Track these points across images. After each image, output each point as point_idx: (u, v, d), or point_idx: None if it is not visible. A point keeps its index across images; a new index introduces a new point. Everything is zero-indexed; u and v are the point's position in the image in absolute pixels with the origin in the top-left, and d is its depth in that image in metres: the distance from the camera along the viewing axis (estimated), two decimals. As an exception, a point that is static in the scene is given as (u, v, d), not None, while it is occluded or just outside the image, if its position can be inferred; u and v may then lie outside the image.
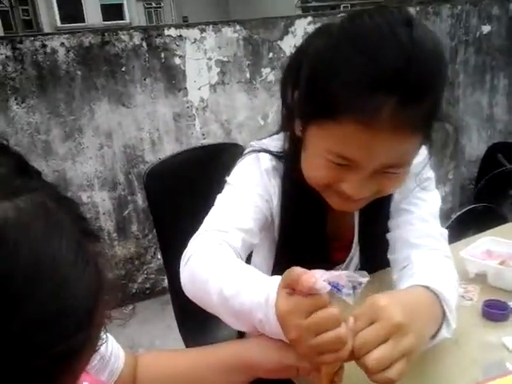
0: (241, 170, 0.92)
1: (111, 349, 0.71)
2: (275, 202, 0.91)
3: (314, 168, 0.80)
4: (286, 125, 0.89)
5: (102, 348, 0.68)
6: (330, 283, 0.56)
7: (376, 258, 0.99)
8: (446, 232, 0.92)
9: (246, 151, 0.94)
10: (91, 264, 0.37)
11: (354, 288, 0.57)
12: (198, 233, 0.82)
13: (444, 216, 3.04)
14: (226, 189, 0.90)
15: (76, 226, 0.37)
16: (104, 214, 2.51)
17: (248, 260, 1.12)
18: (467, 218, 2.45)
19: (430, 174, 0.95)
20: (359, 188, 0.76)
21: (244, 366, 0.69)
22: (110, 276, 0.40)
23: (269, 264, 1.02)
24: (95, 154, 2.41)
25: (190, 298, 0.77)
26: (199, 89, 2.55)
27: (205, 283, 0.72)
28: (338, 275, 0.56)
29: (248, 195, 0.88)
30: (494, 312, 0.86)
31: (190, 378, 0.74)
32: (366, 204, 0.89)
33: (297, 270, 0.57)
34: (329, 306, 0.57)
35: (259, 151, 0.92)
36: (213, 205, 0.88)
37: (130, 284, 2.66)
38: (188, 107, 2.55)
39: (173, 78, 2.48)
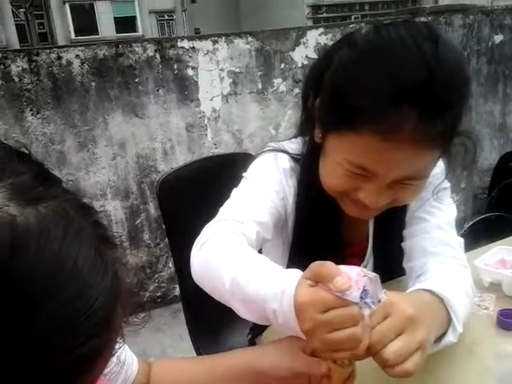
0: (258, 166, 0.92)
1: (125, 356, 0.71)
2: (290, 201, 0.91)
3: (332, 176, 0.81)
4: (305, 130, 0.89)
5: (116, 355, 0.69)
6: (361, 290, 0.56)
7: (390, 267, 0.99)
8: (462, 241, 0.92)
9: (264, 149, 0.95)
10: (110, 269, 0.37)
11: (373, 303, 0.57)
12: (212, 221, 0.82)
13: (457, 225, 3.01)
14: (243, 183, 0.90)
15: (95, 233, 0.38)
16: (116, 222, 2.53)
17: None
18: (480, 228, 2.43)
19: (446, 184, 0.95)
20: (376, 198, 0.77)
21: (255, 374, 0.69)
22: (127, 281, 0.40)
23: (281, 264, 1.02)
24: (108, 163, 2.43)
25: (199, 283, 0.76)
26: (211, 99, 2.57)
27: (218, 269, 0.72)
28: (368, 280, 0.56)
29: (264, 190, 0.88)
30: (508, 321, 0.86)
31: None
32: (381, 212, 0.89)
33: (330, 266, 0.57)
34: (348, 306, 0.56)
35: (278, 151, 0.93)
36: (227, 199, 0.88)
37: (141, 292, 2.67)
38: (200, 117, 2.57)
39: (185, 89, 2.51)
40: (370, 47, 0.74)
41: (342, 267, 0.56)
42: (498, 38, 3.31)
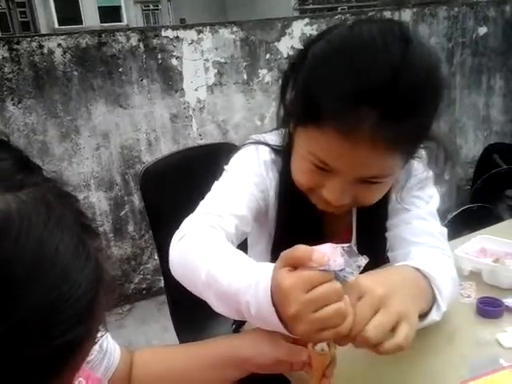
0: (239, 158, 0.92)
1: (107, 344, 0.71)
2: (271, 194, 0.92)
3: (299, 170, 0.82)
4: (284, 122, 0.89)
5: (97, 344, 0.68)
6: (342, 259, 0.56)
7: (374, 256, 0.99)
8: (445, 231, 0.92)
9: (245, 142, 0.95)
10: (92, 257, 0.37)
11: (353, 269, 0.57)
12: (192, 215, 0.82)
13: (440, 216, 3.04)
14: (224, 176, 0.91)
15: (76, 221, 0.38)
16: (101, 214, 2.51)
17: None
18: (463, 218, 2.46)
19: (428, 173, 0.95)
20: (338, 195, 0.78)
21: (237, 362, 0.69)
22: (109, 270, 0.40)
23: (265, 257, 1.02)
24: (92, 154, 2.41)
25: (176, 277, 0.76)
26: (196, 90, 2.56)
27: (194, 262, 0.71)
28: (342, 252, 0.56)
29: (244, 183, 0.88)
30: (488, 309, 0.87)
31: (184, 374, 0.74)
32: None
33: (302, 247, 0.56)
34: (331, 281, 0.56)
35: (259, 143, 0.93)
36: (209, 191, 0.88)
37: (126, 284, 2.66)
38: (185, 108, 2.55)
39: (170, 79, 2.49)
40: (340, 43, 0.74)
41: (313, 247, 0.56)
42: (482, 31, 3.33)
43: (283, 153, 0.91)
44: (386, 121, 0.68)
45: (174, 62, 2.48)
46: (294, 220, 0.93)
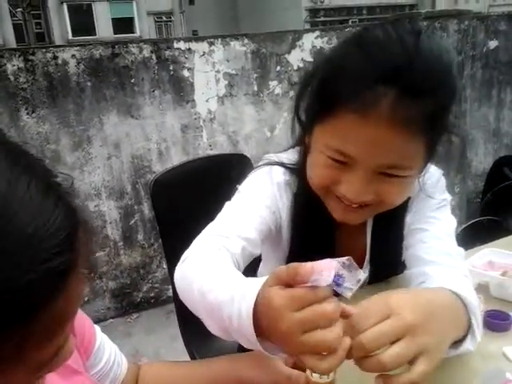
0: (252, 180, 0.92)
1: (114, 356, 0.72)
2: (284, 216, 0.91)
3: (315, 167, 0.82)
4: (300, 139, 0.90)
5: (105, 355, 0.70)
6: (333, 274, 0.53)
7: (387, 277, 1.00)
8: (462, 251, 0.90)
9: (260, 163, 0.95)
10: (64, 196, 0.40)
11: (352, 284, 0.55)
12: (200, 235, 0.83)
13: (450, 230, 3.02)
14: (235, 196, 0.91)
15: (44, 170, 0.41)
16: (111, 223, 2.53)
17: (254, 272, 1.11)
18: (473, 231, 2.44)
19: (445, 195, 0.94)
20: (357, 190, 0.76)
21: (236, 382, 0.69)
22: (86, 217, 0.43)
23: None
24: (103, 163, 2.44)
25: (181, 298, 0.76)
26: (207, 101, 2.58)
27: (191, 282, 0.72)
28: (339, 264, 0.54)
29: (255, 205, 0.88)
30: (495, 322, 0.87)
31: None
32: (376, 223, 0.89)
33: (293, 264, 0.55)
34: (328, 300, 0.53)
35: (273, 164, 0.93)
36: (220, 211, 0.89)
37: (134, 293, 2.67)
38: (196, 119, 2.58)
39: (181, 90, 2.52)
40: (356, 39, 0.78)
41: (308, 262, 0.54)
42: (493, 44, 3.34)
43: (299, 171, 0.90)
44: (402, 100, 0.69)
45: (186, 73, 2.51)
46: (307, 240, 0.92)
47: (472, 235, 2.34)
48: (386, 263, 0.98)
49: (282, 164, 0.93)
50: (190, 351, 1.33)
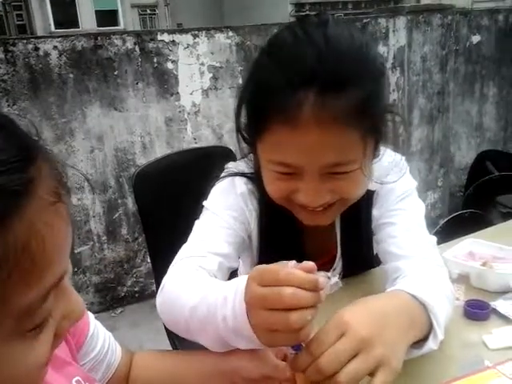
0: (217, 194, 0.92)
1: (108, 344, 0.72)
2: (252, 224, 0.92)
3: (269, 183, 0.82)
4: (249, 147, 0.88)
5: (99, 343, 0.70)
6: None
7: (360, 271, 1.02)
8: (434, 239, 0.90)
9: (222, 174, 0.95)
10: (11, 127, 0.41)
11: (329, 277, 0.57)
12: (175, 260, 0.83)
13: (432, 222, 3.07)
14: (203, 214, 0.91)
15: None
16: (94, 216, 2.51)
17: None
18: (455, 224, 2.47)
19: (410, 182, 0.93)
20: (314, 195, 0.77)
21: (226, 373, 0.69)
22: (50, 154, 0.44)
23: None
24: (86, 156, 2.41)
25: (166, 324, 0.77)
26: (191, 94, 2.57)
27: (174, 302, 0.73)
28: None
29: (223, 219, 0.88)
30: (475, 312, 0.88)
31: (181, 380, 0.75)
32: (344, 219, 0.90)
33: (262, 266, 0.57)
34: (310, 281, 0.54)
35: (235, 175, 0.93)
36: (191, 230, 0.89)
37: (119, 287, 2.65)
38: (180, 112, 2.57)
39: (165, 83, 2.50)
40: (266, 47, 0.79)
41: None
42: (476, 39, 3.38)
43: (257, 179, 0.89)
44: (322, 98, 0.69)
45: (170, 65, 2.49)
46: (276, 245, 0.92)
47: (454, 228, 2.37)
48: (358, 258, 0.99)
49: (243, 174, 0.93)
50: (174, 344, 1.32)
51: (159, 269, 1.28)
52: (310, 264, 0.56)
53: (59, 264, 0.41)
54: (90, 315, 0.71)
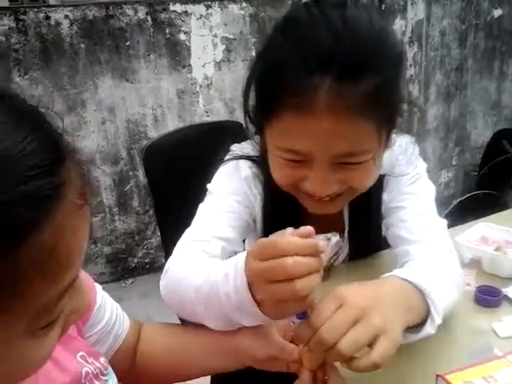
0: (220, 177, 0.91)
1: (115, 315, 0.73)
2: (257, 208, 0.91)
3: (276, 169, 0.80)
4: (256, 129, 0.87)
5: (106, 315, 0.70)
6: None
7: (367, 255, 1.01)
8: (444, 223, 0.89)
9: (226, 157, 0.93)
10: (43, 126, 0.40)
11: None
12: (178, 244, 0.82)
13: (445, 202, 3.04)
14: (207, 198, 0.90)
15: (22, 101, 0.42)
16: (105, 188, 2.51)
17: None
18: (468, 205, 2.44)
19: (420, 166, 0.92)
20: (322, 184, 0.75)
21: (234, 352, 0.70)
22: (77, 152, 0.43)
23: None
24: (98, 128, 2.40)
25: (174, 309, 0.77)
26: (204, 66, 2.53)
27: (178, 283, 0.72)
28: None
29: (228, 203, 0.87)
30: (486, 298, 0.86)
31: (188, 355, 0.75)
32: (352, 203, 0.88)
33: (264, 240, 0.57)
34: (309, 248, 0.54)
35: (239, 158, 0.91)
36: (195, 213, 0.88)
37: (129, 258, 2.68)
38: (192, 84, 2.53)
39: (177, 55, 2.46)
40: (280, 26, 0.75)
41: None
42: (497, 13, 3.26)
43: (262, 163, 0.87)
44: (338, 84, 0.66)
45: (182, 36, 2.44)
46: (280, 229, 0.91)
47: (468, 208, 2.34)
48: (365, 242, 0.98)
49: (247, 157, 0.91)
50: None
51: (168, 242, 1.29)
52: (308, 228, 0.56)
53: (78, 264, 0.41)
54: (98, 287, 0.72)
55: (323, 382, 0.62)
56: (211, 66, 2.55)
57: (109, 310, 0.71)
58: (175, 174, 1.31)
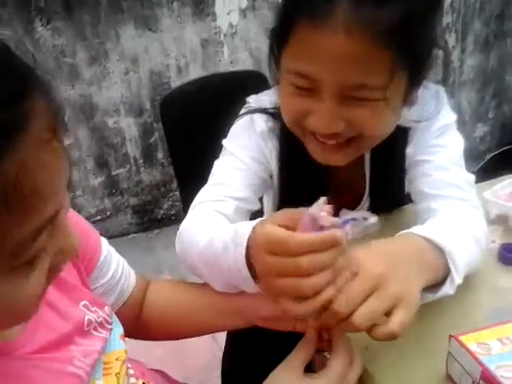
0: (235, 133, 0.89)
1: (121, 270, 0.74)
2: (273, 163, 0.89)
3: (282, 102, 0.78)
4: (275, 77, 0.83)
5: (112, 268, 0.71)
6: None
7: (389, 210, 0.97)
8: (472, 178, 0.85)
9: (241, 111, 0.91)
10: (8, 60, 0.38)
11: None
12: (193, 204, 0.83)
13: (479, 156, 2.93)
14: (222, 154, 0.89)
15: None
16: (130, 140, 2.51)
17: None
18: (502, 160, 2.35)
19: (448, 117, 0.86)
20: (327, 119, 0.71)
21: (237, 310, 0.71)
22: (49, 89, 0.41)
23: None
24: (121, 78, 2.37)
25: (183, 262, 0.78)
26: (228, 14, 2.44)
27: (189, 245, 0.74)
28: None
29: (242, 160, 0.85)
30: (510, 256, 0.83)
31: (196, 312, 0.77)
32: (374, 156, 0.86)
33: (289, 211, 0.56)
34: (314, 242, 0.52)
35: (254, 111, 0.89)
36: (211, 170, 0.88)
37: (155, 210, 2.71)
38: (216, 33, 2.46)
39: (201, 2, 2.38)
40: None
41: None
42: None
43: (279, 115, 0.84)
44: (360, 4, 0.63)
45: (206, -18, 2.35)
46: (297, 183, 0.89)
47: (501, 163, 2.25)
48: (387, 197, 0.94)
49: (263, 110, 0.88)
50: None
51: (186, 194, 1.28)
52: (327, 208, 0.54)
53: (52, 201, 0.40)
54: (103, 240, 0.72)
55: (329, 341, 0.61)
56: (236, 14, 2.46)
57: (114, 264, 0.72)
58: (194, 126, 1.29)
